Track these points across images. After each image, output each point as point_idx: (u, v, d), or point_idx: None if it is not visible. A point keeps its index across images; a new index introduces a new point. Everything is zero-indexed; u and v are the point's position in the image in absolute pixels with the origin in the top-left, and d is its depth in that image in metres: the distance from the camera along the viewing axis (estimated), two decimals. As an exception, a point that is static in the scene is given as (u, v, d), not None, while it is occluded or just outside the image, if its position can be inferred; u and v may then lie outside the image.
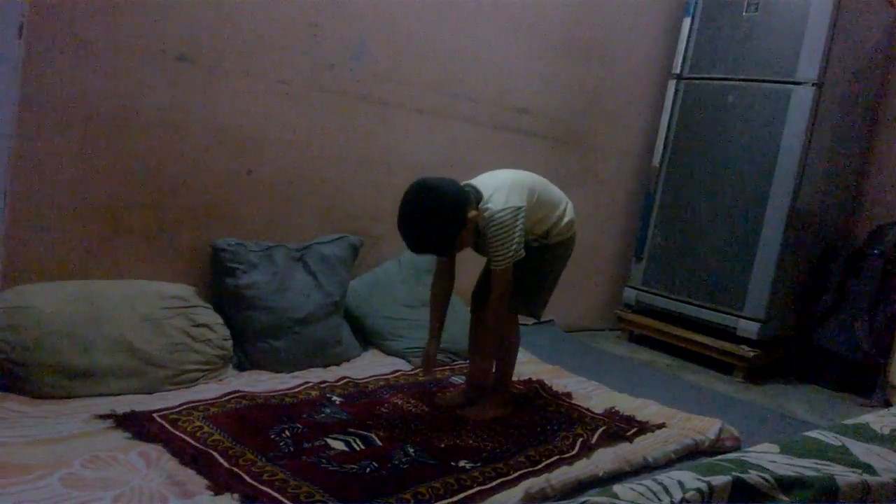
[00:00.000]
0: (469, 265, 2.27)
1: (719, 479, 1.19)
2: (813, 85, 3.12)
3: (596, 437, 2.02)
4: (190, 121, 2.29)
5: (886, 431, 1.69)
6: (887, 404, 2.94)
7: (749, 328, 3.22)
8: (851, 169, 3.67)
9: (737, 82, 3.36)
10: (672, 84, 3.58)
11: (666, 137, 3.59)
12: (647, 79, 3.77)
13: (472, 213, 1.94)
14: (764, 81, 3.27)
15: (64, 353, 1.88)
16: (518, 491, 1.67)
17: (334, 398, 2.10)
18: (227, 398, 1.97)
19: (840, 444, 1.54)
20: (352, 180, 2.74)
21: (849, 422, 1.77)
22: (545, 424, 2.10)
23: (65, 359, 1.88)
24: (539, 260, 2.15)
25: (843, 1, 3.10)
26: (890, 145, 3.70)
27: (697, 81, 3.51)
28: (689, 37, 3.53)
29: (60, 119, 2.04)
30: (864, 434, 1.65)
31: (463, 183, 2.02)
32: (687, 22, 3.54)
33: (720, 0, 3.44)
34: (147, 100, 2.19)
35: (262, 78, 2.43)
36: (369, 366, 2.46)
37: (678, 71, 3.56)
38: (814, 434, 1.61)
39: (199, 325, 2.15)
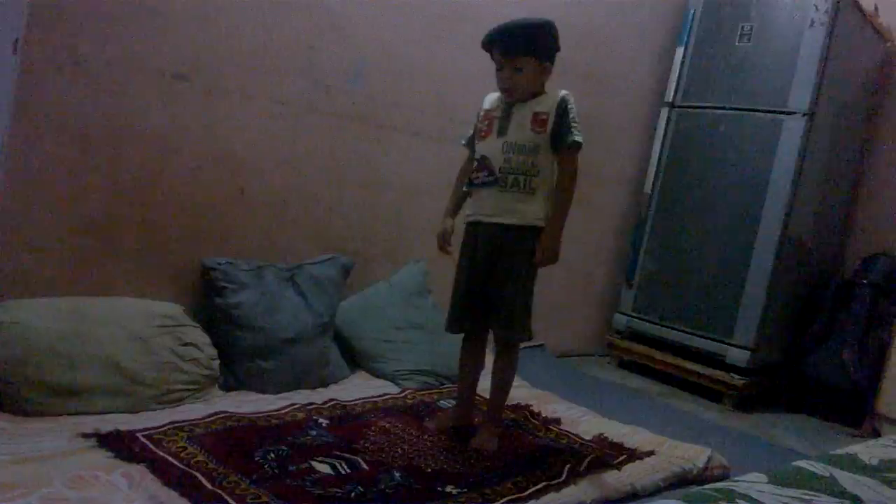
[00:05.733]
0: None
1: (706, 509, 1.18)
2: (804, 115, 3.15)
3: (584, 464, 2.00)
4: (185, 139, 2.29)
5: (874, 462, 1.69)
6: (876, 434, 2.94)
7: (739, 356, 3.21)
8: (841, 198, 3.70)
9: (729, 111, 3.39)
10: (665, 112, 3.61)
11: (658, 165, 3.61)
12: (641, 106, 3.80)
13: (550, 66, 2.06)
14: (755, 111, 3.30)
15: (50, 370, 1.86)
16: (504, 517, 1.66)
17: (321, 420, 2.08)
18: (212, 418, 1.95)
19: (828, 474, 1.54)
20: (345, 201, 2.75)
21: (837, 452, 1.77)
22: (533, 450, 2.08)
23: (51, 376, 1.86)
24: (529, 269, 2.09)
25: (834, 32, 3.14)
26: (879, 175, 3.74)
27: (690, 110, 3.54)
28: (681, 65, 3.56)
29: (54, 135, 2.04)
30: (852, 464, 1.64)
31: None
32: (680, 51, 3.57)
33: (713, 30, 3.48)
34: (143, 117, 2.19)
35: (259, 98, 2.44)
36: (357, 388, 2.44)
37: (671, 99, 3.59)
38: (802, 464, 1.60)
39: (186, 345, 2.14)
